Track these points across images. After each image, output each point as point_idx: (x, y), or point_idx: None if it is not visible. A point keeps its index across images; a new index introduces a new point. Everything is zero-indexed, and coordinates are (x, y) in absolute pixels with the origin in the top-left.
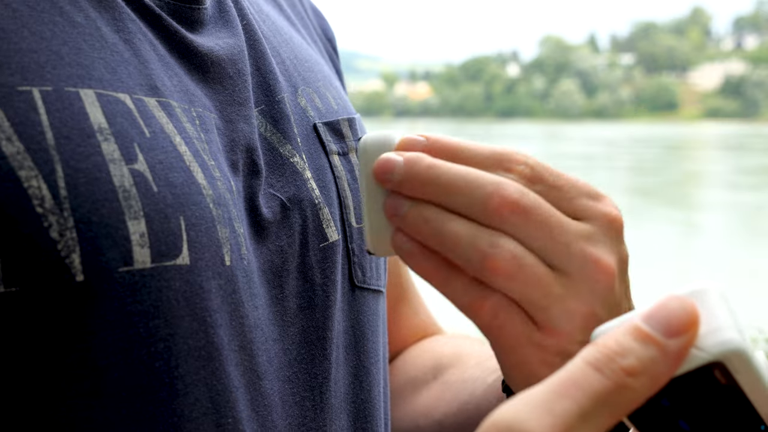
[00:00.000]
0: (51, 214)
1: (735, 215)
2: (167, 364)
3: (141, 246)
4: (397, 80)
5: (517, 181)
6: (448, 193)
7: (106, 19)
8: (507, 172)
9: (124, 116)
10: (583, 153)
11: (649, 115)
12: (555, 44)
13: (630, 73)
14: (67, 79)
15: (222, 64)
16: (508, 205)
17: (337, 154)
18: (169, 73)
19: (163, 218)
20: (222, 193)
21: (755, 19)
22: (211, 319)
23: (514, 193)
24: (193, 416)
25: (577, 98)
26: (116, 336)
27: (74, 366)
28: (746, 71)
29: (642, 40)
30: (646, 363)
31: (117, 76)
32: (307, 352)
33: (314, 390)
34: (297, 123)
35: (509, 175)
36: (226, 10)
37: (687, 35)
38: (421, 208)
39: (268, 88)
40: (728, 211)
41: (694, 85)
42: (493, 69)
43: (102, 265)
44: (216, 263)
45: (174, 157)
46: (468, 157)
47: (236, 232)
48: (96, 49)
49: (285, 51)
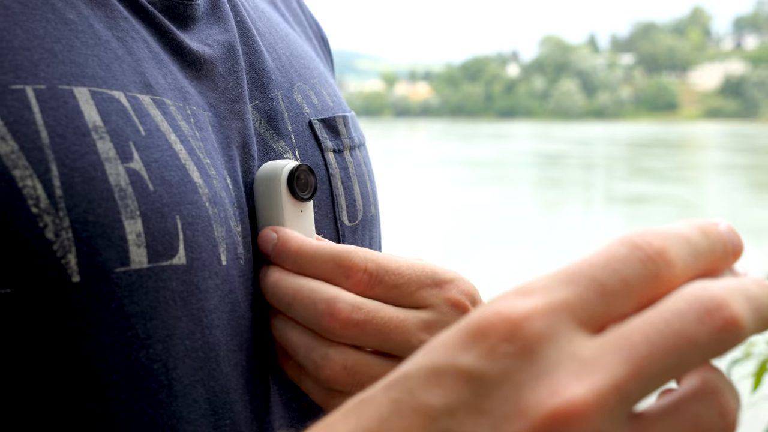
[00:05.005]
0: (46, 214)
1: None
2: (165, 365)
3: (137, 246)
4: (397, 80)
5: (355, 289)
6: (287, 308)
7: (98, 17)
8: (347, 278)
9: (118, 114)
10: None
11: (649, 115)
12: (555, 44)
13: (630, 73)
14: (60, 77)
15: (214, 62)
16: (339, 321)
17: (332, 151)
18: (163, 71)
19: (159, 217)
20: (218, 192)
21: (755, 19)
22: (207, 319)
23: (345, 310)
24: (191, 418)
25: (577, 98)
26: (114, 337)
27: (71, 368)
28: (746, 71)
29: (642, 40)
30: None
31: (111, 74)
32: None
33: None
34: (291, 119)
35: (348, 282)
36: (219, 6)
37: (687, 35)
38: (272, 318)
39: (262, 85)
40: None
41: (694, 85)
42: (493, 69)
43: (98, 266)
44: (213, 263)
45: (169, 156)
46: (309, 264)
47: (232, 231)
48: (89, 47)
49: (281, 47)
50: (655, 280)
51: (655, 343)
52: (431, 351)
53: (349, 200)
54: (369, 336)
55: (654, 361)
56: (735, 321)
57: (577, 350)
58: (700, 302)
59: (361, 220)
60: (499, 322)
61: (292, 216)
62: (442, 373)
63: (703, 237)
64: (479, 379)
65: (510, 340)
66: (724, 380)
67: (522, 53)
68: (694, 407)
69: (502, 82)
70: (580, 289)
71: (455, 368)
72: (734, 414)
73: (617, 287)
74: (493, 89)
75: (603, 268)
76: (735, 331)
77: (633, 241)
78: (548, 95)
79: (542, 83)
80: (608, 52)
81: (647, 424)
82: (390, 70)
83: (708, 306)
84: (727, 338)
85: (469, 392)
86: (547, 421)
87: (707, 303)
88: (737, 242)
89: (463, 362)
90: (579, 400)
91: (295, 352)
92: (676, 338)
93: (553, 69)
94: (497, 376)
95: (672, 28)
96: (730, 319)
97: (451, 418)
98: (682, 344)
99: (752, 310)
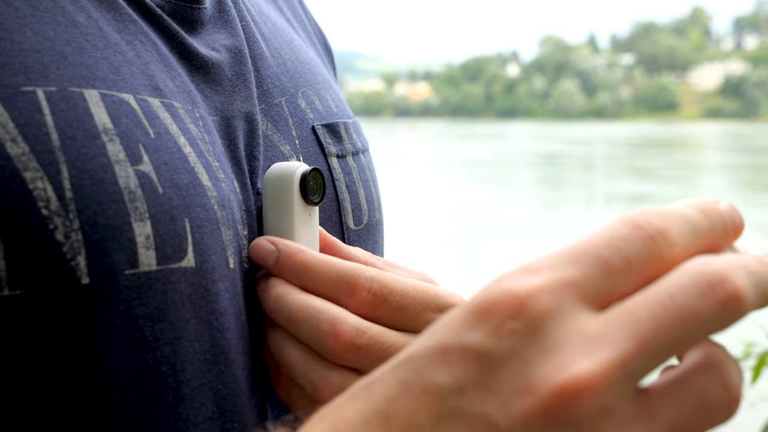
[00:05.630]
0: (56, 216)
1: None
2: (173, 368)
3: (146, 248)
4: (397, 80)
5: (359, 308)
6: (288, 324)
7: (107, 19)
8: (351, 296)
9: (128, 117)
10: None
11: (649, 115)
12: (555, 44)
13: (630, 73)
14: (71, 80)
15: (222, 65)
16: (342, 344)
17: (336, 156)
18: (172, 74)
19: (168, 220)
20: (226, 195)
21: (755, 19)
22: (217, 322)
23: (348, 333)
24: (198, 420)
25: (577, 98)
26: (122, 339)
27: (79, 370)
28: (746, 71)
29: (642, 40)
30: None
31: (120, 76)
32: None
33: None
34: (296, 125)
35: (353, 301)
36: (226, 10)
37: (687, 35)
38: (270, 332)
39: (267, 90)
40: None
41: (694, 85)
42: (493, 69)
43: (108, 268)
44: (221, 266)
45: (179, 158)
46: (314, 279)
47: (239, 234)
48: (99, 49)
49: (286, 52)
50: (656, 258)
51: (660, 317)
52: (437, 331)
53: (355, 204)
54: (371, 360)
55: (659, 335)
56: (737, 294)
57: (583, 326)
58: (703, 276)
59: (367, 224)
60: (504, 300)
61: (301, 220)
62: (449, 351)
63: (703, 216)
64: (487, 357)
65: (516, 317)
66: (726, 354)
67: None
68: (698, 381)
69: (502, 82)
70: (585, 266)
71: (462, 346)
72: (738, 388)
73: (620, 265)
74: (493, 89)
75: (606, 247)
76: (737, 304)
77: (635, 221)
78: (548, 95)
79: (542, 83)
80: (608, 52)
81: (653, 398)
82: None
83: (710, 280)
84: (729, 312)
85: (477, 370)
86: (555, 396)
87: (709, 277)
88: (737, 220)
89: (470, 340)
90: (586, 375)
91: (292, 370)
92: (681, 312)
93: (553, 69)
94: (504, 353)
95: (672, 28)
96: (733, 292)
97: (459, 396)
98: (686, 318)
99: (753, 284)
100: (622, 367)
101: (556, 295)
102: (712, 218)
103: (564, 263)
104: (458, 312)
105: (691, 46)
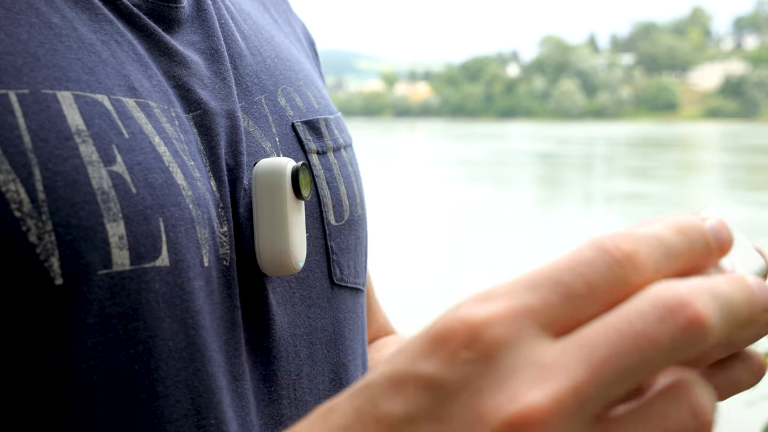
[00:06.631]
0: (29, 217)
1: None
2: (147, 366)
3: (120, 248)
4: (397, 80)
5: None
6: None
7: (83, 20)
8: None
9: (102, 117)
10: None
11: (649, 115)
12: (555, 44)
13: (630, 73)
14: (44, 81)
15: (200, 64)
16: None
17: (316, 152)
18: (148, 74)
19: (142, 220)
20: (202, 194)
21: (755, 19)
22: (192, 320)
23: None
24: (173, 418)
25: (577, 98)
26: (96, 339)
27: (54, 369)
28: (746, 71)
29: (642, 40)
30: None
31: (95, 77)
32: (284, 350)
33: (289, 388)
34: (276, 122)
35: None
36: (204, 9)
37: (687, 35)
38: None
39: (246, 88)
40: None
41: (694, 85)
42: (493, 69)
43: (81, 268)
44: (196, 264)
45: (153, 158)
46: None
47: (215, 232)
48: (73, 50)
49: (266, 50)
50: (621, 283)
51: (616, 344)
52: (394, 359)
53: (335, 201)
54: None
55: (614, 363)
56: (698, 320)
57: (537, 355)
58: (663, 301)
59: (348, 220)
60: (459, 328)
61: (292, 214)
62: (402, 381)
63: (680, 236)
64: (439, 386)
65: (470, 346)
66: (696, 379)
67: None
68: (662, 407)
69: (502, 82)
70: (544, 292)
71: (416, 376)
72: (708, 413)
73: (582, 291)
74: (493, 89)
75: (569, 272)
76: (699, 330)
77: (601, 245)
78: (548, 95)
79: (542, 83)
80: (608, 52)
81: (613, 427)
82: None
83: (670, 305)
84: (691, 338)
85: (429, 400)
86: (505, 427)
87: (670, 302)
88: (724, 238)
89: (423, 369)
90: (537, 406)
91: None
92: (638, 339)
93: (553, 69)
94: (457, 382)
95: (672, 28)
96: (693, 318)
97: (411, 427)
98: (643, 345)
99: (719, 308)
100: (575, 395)
101: (511, 323)
102: (692, 238)
103: (522, 290)
104: (416, 340)
105: (691, 46)
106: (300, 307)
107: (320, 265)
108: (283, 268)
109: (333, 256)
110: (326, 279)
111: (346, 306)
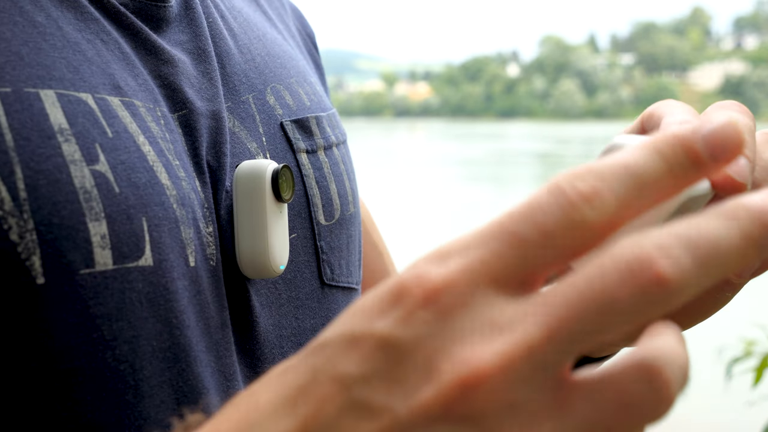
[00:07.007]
0: (11, 216)
1: None
2: (132, 366)
3: (102, 248)
4: (397, 80)
5: None
6: None
7: (68, 19)
8: None
9: (85, 116)
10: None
11: None
12: (555, 44)
13: (630, 73)
14: (26, 80)
15: (187, 63)
16: None
17: (305, 151)
18: (134, 73)
19: (125, 219)
20: (186, 193)
21: (755, 19)
22: (177, 320)
23: None
24: (159, 418)
25: (577, 98)
26: (79, 339)
27: (37, 370)
28: (746, 71)
29: (642, 40)
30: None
31: (79, 76)
32: (269, 352)
33: None
34: (263, 122)
35: None
36: (192, 7)
37: (687, 35)
38: None
39: (233, 88)
40: None
41: (694, 85)
42: (493, 69)
43: (63, 268)
44: (180, 264)
45: (137, 157)
46: None
47: (201, 232)
48: (57, 49)
49: (257, 47)
50: (577, 227)
51: (574, 304)
52: (351, 317)
53: (325, 200)
54: None
55: (571, 323)
56: (659, 281)
57: (493, 315)
58: (625, 261)
59: (339, 218)
60: (415, 288)
61: (272, 217)
62: (358, 339)
63: (654, 157)
64: (394, 346)
65: (425, 306)
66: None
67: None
68: (622, 377)
69: (502, 82)
70: (497, 245)
71: (372, 334)
72: (670, 388)
73: (535, 239)
74: (493, 89)
75: (522, 220)
76: (660, 291)
77: (558, 185)
78: (548, 95)
79: (542, 83)
80: (608, 52)
81: (570, 393)
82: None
83: (631, 265)
84: (653, 299)
85: (384, 360)
86: (456, 388)
87: (631, 261)
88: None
89: (379, 328)
90: (486, 365)
91: None
92: (596, 299)
93: (553, 69)
94: (412, 342)
95: (672, 28)
96: (655, 279)
97: (365, 386)
98: (602, 307)
99: (695, 260)
100: (527, 355)
101: (467, 281)
102: (668, 156)
103: (477, 244)
104: (373, 296)
105: (691, 46)
106: (287, 308)
107: (309, 266)
108: (263, 272)
109: (323, 256)
110: (316, 279)
111: (338, 306)
